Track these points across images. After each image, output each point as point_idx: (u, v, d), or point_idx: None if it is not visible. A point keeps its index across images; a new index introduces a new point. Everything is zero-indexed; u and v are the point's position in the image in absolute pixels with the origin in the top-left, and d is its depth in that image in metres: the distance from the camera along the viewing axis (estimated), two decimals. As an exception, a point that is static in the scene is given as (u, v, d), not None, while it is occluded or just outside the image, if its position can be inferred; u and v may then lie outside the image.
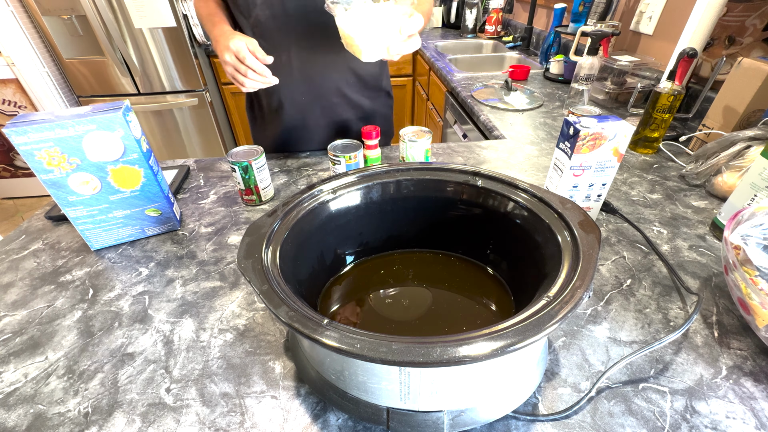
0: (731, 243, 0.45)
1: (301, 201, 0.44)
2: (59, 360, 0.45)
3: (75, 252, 0.62)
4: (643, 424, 0.37)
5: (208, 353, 0.45)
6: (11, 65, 1.95)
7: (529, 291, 0.42)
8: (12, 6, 1.83)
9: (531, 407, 0.39)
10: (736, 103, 0.77)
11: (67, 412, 0.40)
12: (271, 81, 0.68)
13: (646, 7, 1.20)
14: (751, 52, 0.90)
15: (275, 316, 0.30)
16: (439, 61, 1.71)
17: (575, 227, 0.37)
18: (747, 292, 0.41)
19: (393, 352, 0.26)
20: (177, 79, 2.10)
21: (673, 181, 0.76)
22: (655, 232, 0.62)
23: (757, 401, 0.39)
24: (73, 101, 2.17)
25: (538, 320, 0.28)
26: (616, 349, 0.44)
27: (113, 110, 0.53)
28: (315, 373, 0.38)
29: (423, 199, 0.51)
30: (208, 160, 0.89)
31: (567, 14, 1.61)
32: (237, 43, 0.64)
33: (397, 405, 0.34)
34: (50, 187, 0.54)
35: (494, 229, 0.48)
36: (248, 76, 0.66)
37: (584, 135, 0.54)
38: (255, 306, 0.51)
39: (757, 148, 0.66)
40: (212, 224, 0.68)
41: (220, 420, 0.39)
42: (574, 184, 0.60)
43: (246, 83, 0.67)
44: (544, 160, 0.84)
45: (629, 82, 1.13)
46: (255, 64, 0.65)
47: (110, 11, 1.83)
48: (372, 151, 0.78)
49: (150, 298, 0.53)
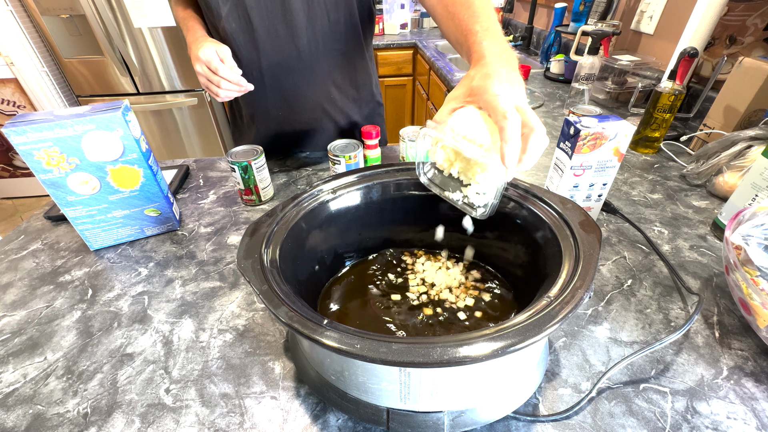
0: (732, 243, 0.45)
1: (301, 201, 0.44)
2: (58, 360, 0.45)
3: (74, 252, 0.62)
4: (644, 425, 0.37)
5: (208, 354, 0.45)
6: (10, 65, 1.94)
7: (530, 291, 0.42)
8: (11, 5, 1.83)
9: (531, 408, 0.39)
10: (737, 102, 0.77)
11: (66, 412, 0.39)
12: (246, 88, 0.65)
13: (646, 7, 1.20)
14: (752, 52, 0.90)
15: (275, 316, 0.30)
16: (439, 61, 1.71)
17: (576, 227, 0.37)
18: (748, 293, 0.41)
19: (393, 352, 0.26)
20: (176, 79, 2.10)
21: (674, 181, 0.76)
22: (656, 232, 0.62)
23: (758, 402, 0.38)
24: (73, 101, 2.17)
25: (538, 320, 0.28)
26: (617, 350, 0.44)
27: (112, 110, 0.52)
28: (315, 373, 0.38)
29: (423, 198, 0.50)
30: (207, 160, 0.88)
31: (567, 14, 1.61)
32: (207, 53, 0.61)
33: (397, 405, 0.34)
34: (49, 187, 0.54)
35: (495, 229, 0.48)
36: (221, 87, 0.63)
37: (585, 135, 0.54)
38: (254, 306, 0.51)
39: (758, 147, 0.65)
40: (212, 224, 0.67)
41: (220, 420, 0.38)
42: (574, 184, 0.60)
43: (220, 93, 0.64)
44: (544, 160, 0.84)
45: (630, 82, 1.13)
46: (227, 73, 0.62)
47: (109, 11, 1.83)
48: (372, 151, 0.78)
49: (149, 298, 0.53)
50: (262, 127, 0.86)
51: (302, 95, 0.81)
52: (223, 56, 0.63)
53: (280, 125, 0.85)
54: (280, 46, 0.73)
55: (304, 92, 0.81)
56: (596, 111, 0.80)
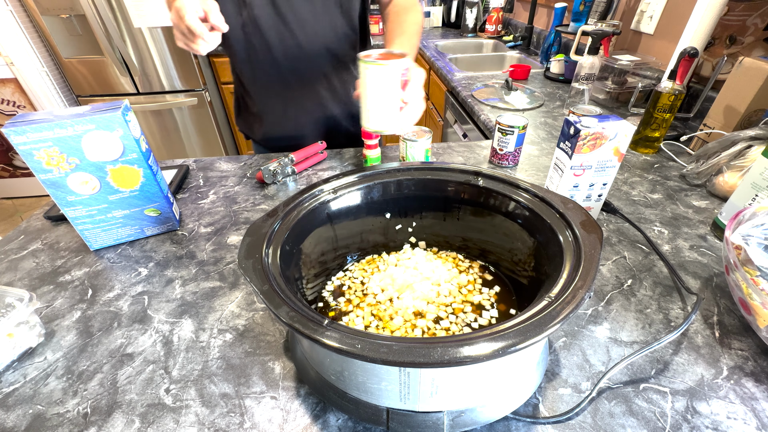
0: (732, 243, 0.45)
1: (301, 201, 0.44)
2: (58, 360, 0.45)
3: (74, 252, 0.62)
4: (644, 425, 0.37)
5: (208, 354, 0.45)
6: (10, 65, 1.94)
7: (531, 291, 0.42)
8: (11, 5, 1.83)
9: (531, 408, 0.39)
10: (737, 102, 0.77)
11: (66, 412, 0.39)
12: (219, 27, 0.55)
13: (646, 7, 1.20)
14: (752, 52, 0.90)
15: (276, 316, 0.30)
16: (439, 61, 1.71)
17: (577, 227, 0.37)
18: (748, 293, 0.41)
19: (394, 352, 0.26)
20: (176, 79, 2.10)
21: (674, 181, 0.76)
22: (656, 232, 0.62)
23: (758, 402, 0.38)
24: (72, 101, 2.17)
25: (539, 320, 0.28)
26: (617, 350, 0.44)
27: (112, 110, 0.52)
28: (315, 373, 0.38)
29: (424, 198, 0.50)
30: (207, 159, 0.88)
31: (567, 13, 1.60)
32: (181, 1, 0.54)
33: (397, 405, 0.34)
34: (49, 187, 0.54)
35: (495, 229, 0.48)
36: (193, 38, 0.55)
37: (585, 135, 0.54)
38: (254, 306, 0.51)
39: (758, 147, 0.65)
40: (212, 224, 0.67)
41: (220, 420, 0.38)
42: (574, 184, 0.60)
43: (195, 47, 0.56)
44: (544, 160, 0.84)
45: (630, 82, 1.13)
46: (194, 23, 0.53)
47: (109, 10, 1.83)
48: (372, 151, 0.78)
49: (149, 298, 0.53)
50: (277, 107, 0.89)
51: (307, 72, 0.84)
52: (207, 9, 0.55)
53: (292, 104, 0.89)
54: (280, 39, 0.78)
55: (308, 70, 0.84)
56: (596, 111, 0.81)
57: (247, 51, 0.81)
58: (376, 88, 0.49)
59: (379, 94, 0.50)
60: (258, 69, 0.84)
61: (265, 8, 0.75)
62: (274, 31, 0.77)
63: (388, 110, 0.51)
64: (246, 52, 0.81)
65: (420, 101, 0.54)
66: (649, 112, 0.82)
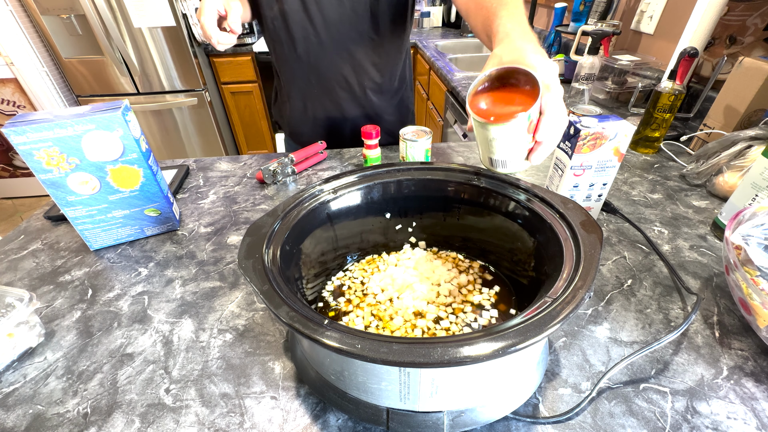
0: (732, 243, 0.45)
1: (301, 201, 0.44)
2: (58, 360, 0.45)
3: (74, 252, 0.62)
4: (644, 425, 0.37)
5: (208, 354, 0.45)
6: (10, 65, 1.94)
7: (531, 291, 0.42)
8: (11, 5, 1.83)
9: (531, 408, 0.39)
10: (737, 102, 0.77)
11: (66, 412, 0.39)
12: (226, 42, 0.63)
13: (646, 7, 1.20)
14: (752, 52, 0.90)
15: (276, 316, 0.30)
16: (439, 61, 1.71)
17: (577, 227, 0.37)
18: (748, 293, 0.41)
19: (394, 352, 0.26)
20: (176, 79, 2.10)
21: (674, 181, 0.76)
22: (656, 232, 0.62)
23: (758, 402, 0.38)
24: (72, 101, 2.17)
25: (539, 320, 0.28)
26: (617, 350, 0.44)
27: (112, 110, 0.52)
28: (315, 373, 0.38)
29: (424, 198, 0.50)
30: (207, 159, 0.88)
31: (567, 13, 1.60)
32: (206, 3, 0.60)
33: (397, 405, 0.34)
34: (49, 187, 0.54)
35: (495, 229, 0.48)
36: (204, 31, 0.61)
37: (585, 134, 0.54)
38: (254, 306, 0.51)
39: (758, 147, 0.65)
40: (212, 224, 0.67)
41: (220, 420, 0.38)
42: (574, 184, 0.60)
43: (211, 42, 0.63)
44: (544, 160, 0.84)
45: (630, 82, 1.13)
46: (207, 23, 0.61)
47: (109, 11, 1.83)
48: (372, 151, 0.78)
49: (149, 298, 0.53)
50: (298, 102, 0.92)
51: (327, 71, 0.86)
52: (227, 7, 0.62)
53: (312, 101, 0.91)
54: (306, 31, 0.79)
55: (329, 69, 0.85)
56: (596, 111, 0.80)
57: (274, 44, 0.83)
58: (499, 146, 0.40)
59: (503, 150, 0.41)
60: (283, 63, 0.85)
61: (294, 4, 0.76)
62: (300, 27, 0.78)
63: (516, 158, 0.42)
64: (272, 44, 0.83)
65: (556, 135, 0.41)
66: (649, 112, 0.82)
